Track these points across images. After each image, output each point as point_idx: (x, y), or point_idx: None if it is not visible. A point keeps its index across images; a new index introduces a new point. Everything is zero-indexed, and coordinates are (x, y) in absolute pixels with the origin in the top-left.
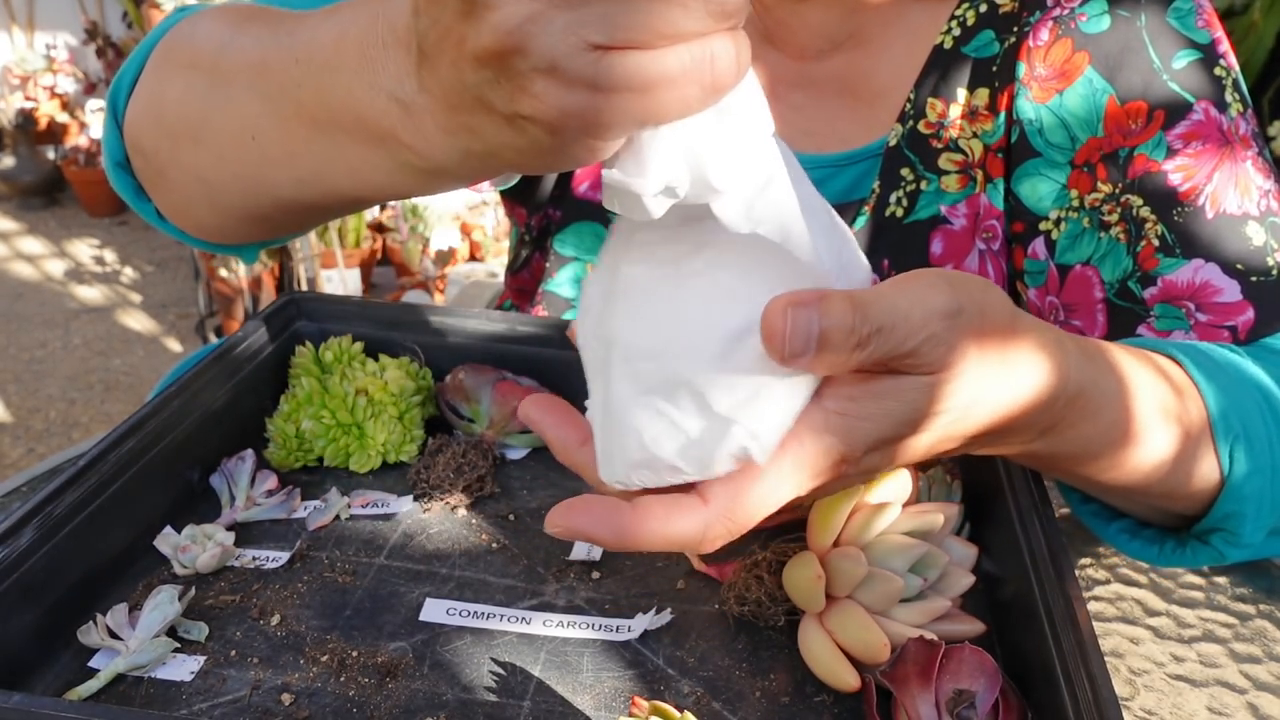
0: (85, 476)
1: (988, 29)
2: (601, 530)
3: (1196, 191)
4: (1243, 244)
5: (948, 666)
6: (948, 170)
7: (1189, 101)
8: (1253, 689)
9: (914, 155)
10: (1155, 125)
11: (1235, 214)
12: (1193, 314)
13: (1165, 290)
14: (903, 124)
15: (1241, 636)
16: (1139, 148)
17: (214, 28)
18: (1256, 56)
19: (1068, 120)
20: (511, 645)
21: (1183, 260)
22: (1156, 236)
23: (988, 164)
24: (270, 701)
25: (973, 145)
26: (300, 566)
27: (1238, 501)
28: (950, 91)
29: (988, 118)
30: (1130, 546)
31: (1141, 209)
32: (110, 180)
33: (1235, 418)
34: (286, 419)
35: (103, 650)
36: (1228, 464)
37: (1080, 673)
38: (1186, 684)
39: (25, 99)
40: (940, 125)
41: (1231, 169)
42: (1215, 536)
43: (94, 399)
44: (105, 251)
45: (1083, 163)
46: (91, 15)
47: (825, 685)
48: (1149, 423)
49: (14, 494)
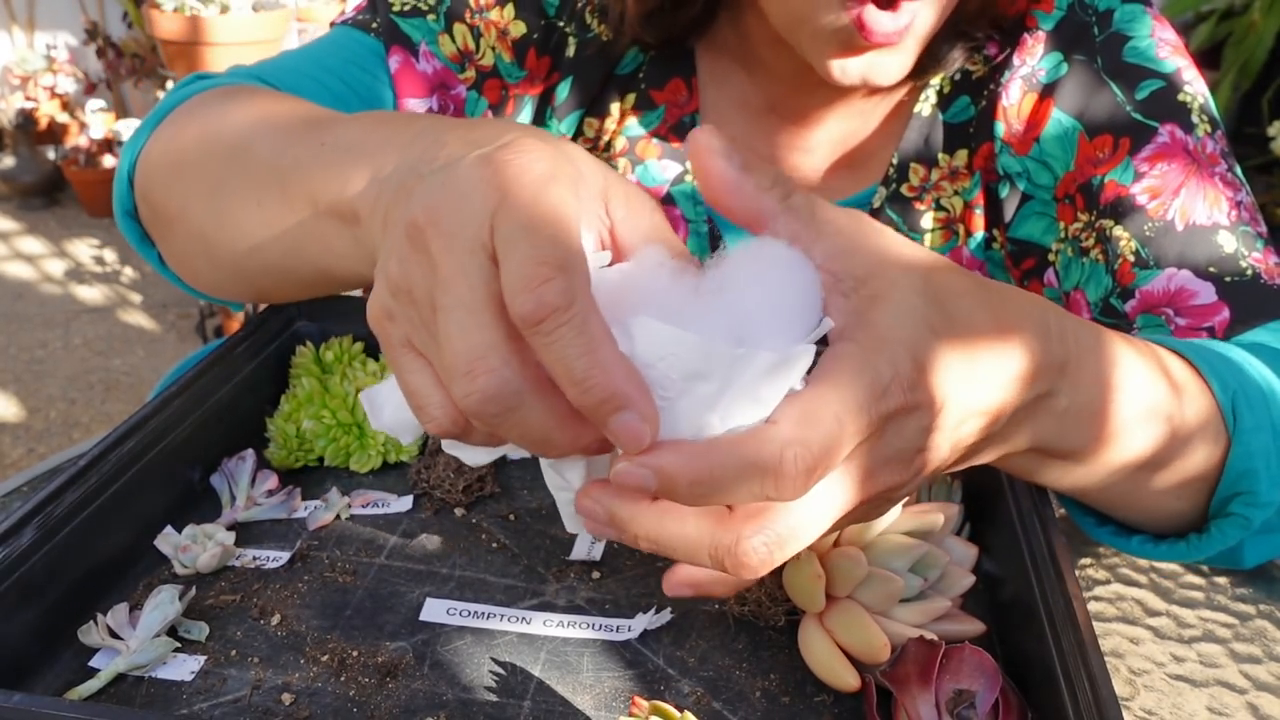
0: (85, 476)
1: (963, 95)
2: (675, 459)
3: (1165, 207)
4: (1214, 251)
5: (948, 666)
6: (930, 228)
7: (1153, 126)
8: (1253, 689)
9: (896, 215)
10: (1122, 152)
11: (1205, 225)
12: (1172, 319)
13: (1144, 301)
14: (885, 186)
15: (1241, 636)
16: (1109, 174)
17: (254, 103)
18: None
19: (1049, 161)
20: (512, 645)
21: (1157, 271)
22: (1131, 253)
23: (967, 219)
24: (270, 701)
25: (954, 202)
26: (301, 566)
27: (1248, 458)
28: (931, 156)
29: (965, 176)
30: (1156, 551)
31: (1114, 229)
32: (119, 226)
33: (1229, 376)
34: (287, 419)
35: (103, 650)
36: (1231, 420)
37: (1080, 673)
38: (1186, 684)
39: (25, 99)
40: (923, 188)
41: (1199, 185)
42: (1235, 503)
43: (94, 399)
44: (105, 251)
45: (1063, 196)
46: (92, 15)
47: (825, 685)
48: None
49: (14, 494)
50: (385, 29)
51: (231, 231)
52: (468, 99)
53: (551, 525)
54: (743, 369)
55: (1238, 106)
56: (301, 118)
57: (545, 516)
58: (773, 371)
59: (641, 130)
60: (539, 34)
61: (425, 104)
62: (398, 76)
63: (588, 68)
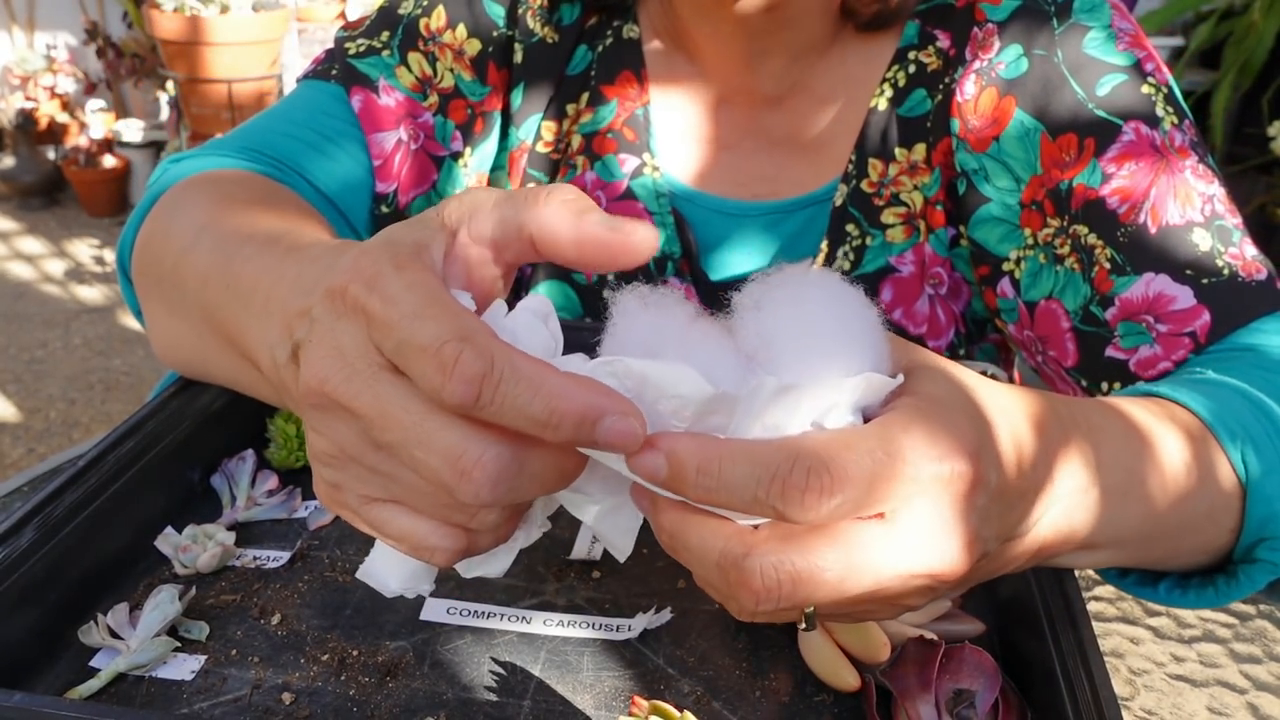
0: (85, 476)
1: (919, 88)
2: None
3: (1136, 210)
4: (1190, 251)
5: (948, 666)
6: (891, 224)
7: (1117, 124)
8: (1253, 689)
9: (858, 213)
10: (1088, 154)
11: (1179, 224)
12: (1153, 326)
13: (1123, 308)
14: (846, 184)
15: (1241, 636)
16: (1076, 178)
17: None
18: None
19: (1009, 162)
20: (512, 645)
21: (1134, 276)
22: (1107, 260)
23: (928, 215)
24: (271, 701)
25: (914, 197)
26: (301, 566)
27: (1266, 502)
28: (888, 151)
29: (925, 171)
30: (1184, 599)
31: (1088, 236)
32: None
33: (1233, 421)
34: (287, 419)
35: (103, 650)
36: (1242, 468)
37: (1080, 673)
38: (1186, 684)
39: (25, 99)
40: (881, 183)
41: (1169, 181)
42: (1260, 548)
43: (94, 399)
44: (105, 251)
45: (1030, 201)
46: (92, 15)
47: (825, 685)
48: (1153, 425)
49: (14, 494)
50: (343, 73)
51: (188, 354)
52: (435, 124)
53: (552, 525)
54: (751, 396)
55: (1238, 106)
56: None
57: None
58: (781, 397)
59: (596, 127)
60: (493, 47)
61: (394, 135)
62: (361, 115)
63: (537, 72)
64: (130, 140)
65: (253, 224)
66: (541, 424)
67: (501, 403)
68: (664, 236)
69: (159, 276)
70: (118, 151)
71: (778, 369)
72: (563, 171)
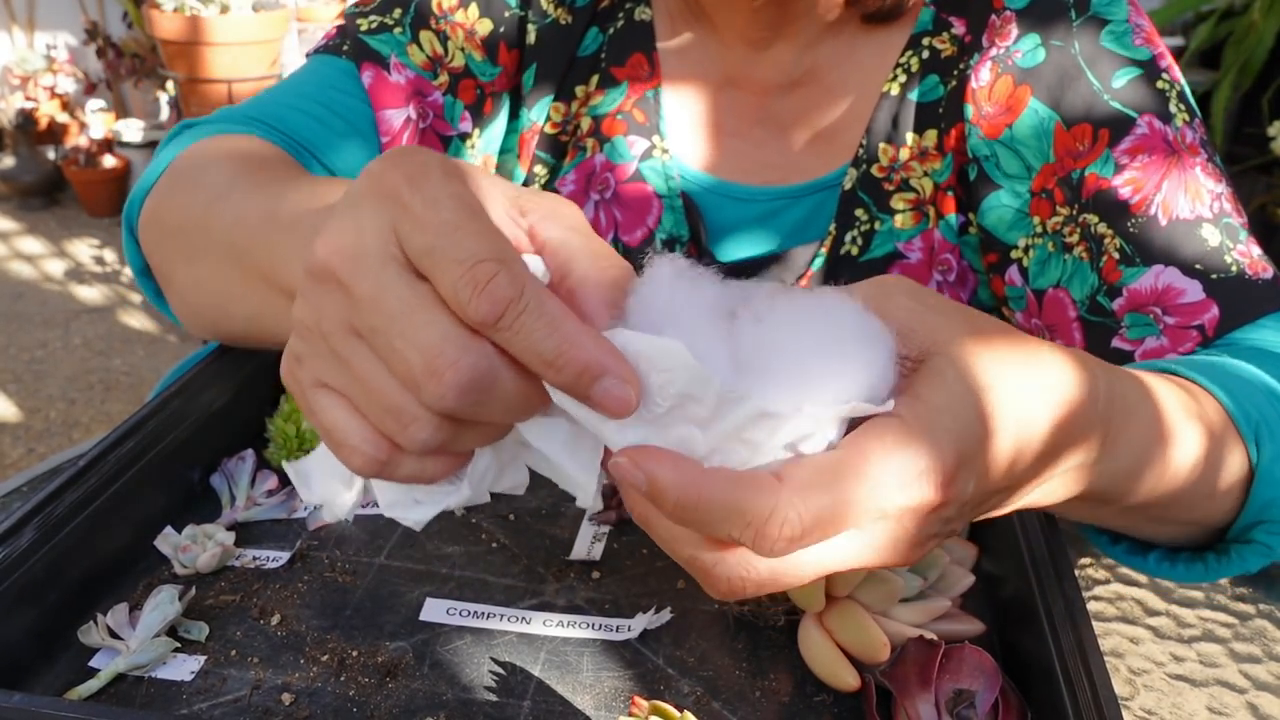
0: (85, 476)
1: (932, 74)
2: (670, 475)
3: (1147, 201)
4: (1199, 245)
5: (948, 666)
6: (901, 209)
7: (1132, 117)
8: (1253, 689)
9: (868, 197)
10: (1101, 144)
11: (1189, 218)
12: (1160, 318)
13: (1131, 299)
14: (856, 168)
15: (1241, 636)
16: (1089, 167)
17: (219, 172)
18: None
19: (1021, 150)
20: (511, 645)
21: (1143, 268)
22: (1116, 250)
23: (939, 201)
24: (270, 701)
25: (924, 183)
26: (300, 566)
27: (1271, 486)
28: (900, 136)
29: (936, 157)
30: (1173, 572)
31: (1098, 225)
32: (137, 282)
33: (1250, 407)
34: (286, 419)
35: (103, 650)
36: (1255, 452)
37: (1080, 673)
38: (1186, 684)
39: (25, 99)
40: (891, 168)
41: (1180, 176)
42: (1257, 530)
43: (94, 399)
44: (105, 251)
45: (1040, 190)
46: (92, 15)
47: (825, 685)
48: (1178, 418)
49: (14, 494)
50: (354, 49)
51: (207, 299)
52: (444, 103)
53: (551, 525)
54: (732, 408)
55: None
56: (259, 185)
57: (545, 516)
58: (761, 421)
59: (607, 109)
60: (505, 28)
61: (402, 113)
62: (372, 91)
63: (549, 53)
64: (130, 140)
65: (288, 175)
66: (547, 362)
67: (518, 330)
68: (673, 219)
69: (180, 224)
70: (118, 151)
71: (766, 389)
72: (571, 154)
